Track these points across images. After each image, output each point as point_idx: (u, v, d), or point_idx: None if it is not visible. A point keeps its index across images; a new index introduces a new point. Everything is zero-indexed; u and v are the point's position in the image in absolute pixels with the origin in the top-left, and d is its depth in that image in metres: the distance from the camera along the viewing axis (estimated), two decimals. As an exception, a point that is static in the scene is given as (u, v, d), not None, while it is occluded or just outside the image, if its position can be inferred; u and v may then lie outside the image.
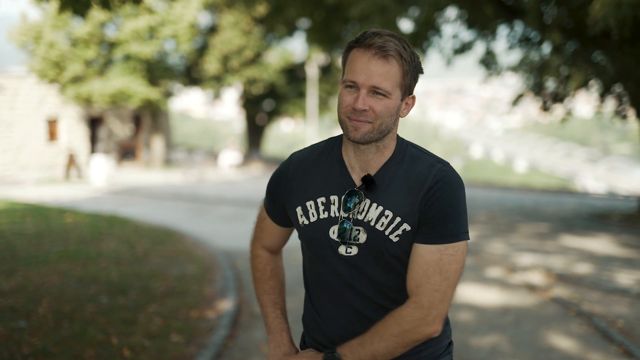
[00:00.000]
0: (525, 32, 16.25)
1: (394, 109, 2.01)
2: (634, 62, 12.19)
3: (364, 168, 2.09)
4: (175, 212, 16.01)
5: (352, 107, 1.97)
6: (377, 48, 1.95)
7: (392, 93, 1.98)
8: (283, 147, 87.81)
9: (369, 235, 2.05)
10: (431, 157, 2.11)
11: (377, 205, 2.05)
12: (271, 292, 2.42)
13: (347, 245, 2.07)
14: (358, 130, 1.98)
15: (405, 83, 2.01)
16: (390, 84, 1.96)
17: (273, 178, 2.28)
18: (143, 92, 28.66)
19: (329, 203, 2.11)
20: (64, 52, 27.18)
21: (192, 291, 7.63)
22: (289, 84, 38.52)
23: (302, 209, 2.15)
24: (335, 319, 2.17)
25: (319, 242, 2.12)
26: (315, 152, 2.22)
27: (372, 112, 1.97)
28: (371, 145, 2.06)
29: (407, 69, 1.99)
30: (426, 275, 1.98)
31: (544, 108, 16.76)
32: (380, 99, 1.97)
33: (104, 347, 5.40)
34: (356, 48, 2.01)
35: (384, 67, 1.95)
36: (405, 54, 1.98)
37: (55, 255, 9.17)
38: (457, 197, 2.02)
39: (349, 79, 1.99)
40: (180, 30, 29.17)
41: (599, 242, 12.04)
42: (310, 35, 20.52)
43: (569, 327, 6.63)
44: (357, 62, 1.98)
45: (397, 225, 2.03)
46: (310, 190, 2.15)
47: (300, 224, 2.16)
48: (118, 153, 32.37)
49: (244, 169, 34.04)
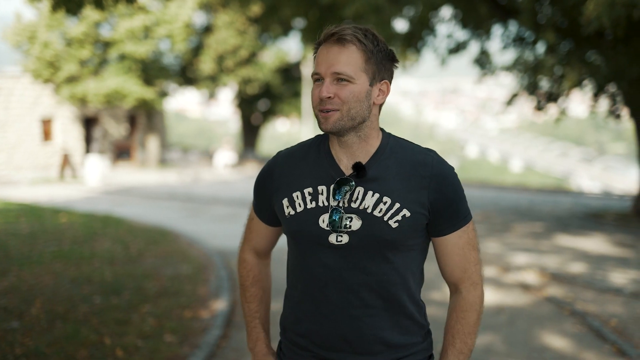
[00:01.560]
0: (520, 32, 16.26)
1: (361, 94, 2.02)
2: (628, 62, 12.21)
3: (351, 160, 2.11)
4: (170, 212, 16.00)
5: (319, 97, 2.01)
6: (335, 39, 2.01)
7: (355, 77, 2.00)
8: (278, 146, 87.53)
9: (363, 222, 2.05)
10: (418, 146, 2.17)
11: (374, 192, 2.06)
12: (251, 300, 2.42)
13: (337, 234, 2.06)
14: (328, 120, 2.02)
15: (370, 67, 2.03)
16: (351, 68, 1.99)
17: (260, 175, 2.29)
18: (138, 91, 28.59)
19: (316, 193, 2.11)
20: (58, 51, 27.10)
21: (186, 291, 7.62)
22: (284, 83, 38.50)
23: (288, 199, 2.15)
24: (316, 319, 2.13)
25: (306, 232, 2.11)
26: (303, 148, 2.24)
27: (337, 99, 2.00)
28: (350, 135, 2.08)
29: (369, 53, 2.02)
30: (466, 256, 2.16)
31: (538, 107, 16.77)
32: (345, 85, 2.00)
33: (97, 347, 5.38)
34: (321, 46, 2.07)
35: (342, 53, 2.00)
36: (364, 39, 2.02)
37: (49, 255, 9.15)
38: (458, 181, 2.14)
39: (314, 72, 2.05)
40: (175, 30, 29.12)
41: (593, 241, 12.06)
42: (305, 35, 20.49)
43: (562, 326, 6.64)
44: (320, 55, 2.05)
45: (396, 211, 2.04)
46: (297, 182, 2.15)
47: (286, 215, 2.15)
48: (113, 153, 32.31)
49: (239, 169, 34.02)
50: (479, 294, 2.19)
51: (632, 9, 8.53)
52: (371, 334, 2.09)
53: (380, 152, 2.11)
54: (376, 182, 2.07)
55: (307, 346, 2.17)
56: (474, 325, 2.18)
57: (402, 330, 2.13)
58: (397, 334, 2.12)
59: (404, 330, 2.13)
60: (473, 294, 2.18)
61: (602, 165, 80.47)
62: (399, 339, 2.12)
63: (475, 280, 2.18)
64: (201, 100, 47.63)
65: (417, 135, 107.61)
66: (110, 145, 32.22)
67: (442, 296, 7.75)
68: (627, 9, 8.56)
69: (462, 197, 2.13)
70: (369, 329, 2.09)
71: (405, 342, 2.14)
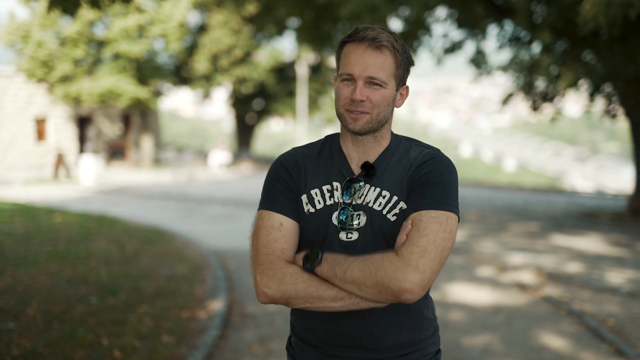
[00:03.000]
0: (515, 32, 16.28)
1: (390, 99, 2.10)
2: (624, 61, 12.23)
3: (362, 158, 2.16)
4: (165, 211, 15.95)
5: (350, 98, 2.06)
6: (370, 40, 2.04)
7: (387, 83, 2.06)
8: (272, 146, 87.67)
9: (368, 217, 2.09)
10: (423, 145, 2.21)
11: (375, 187, 2.11)
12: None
13: (347, 231, 2.10)
14: (357, 121, 2.07)
15: (399, 74, 2.10)
16: (385, 74, 2.05)
17: (283, 168, 2.21)
18: (132, 91, 28.51)
19: (332, 190, 2.15)
20: (52, 51, 27.00)
21: (183, 291, 7.59)
22: (279, 83, 38.44)
23: (308, 196, 2.17)
24: (324, 316, 2.13)
25: (323, 229, 2.13)
26: (315, 148, 2.26)
27: (369, 102, 2.05)
28: (369, 135, 2.14)
29: (400, 59, 2.08)
30: (411, 236, 1.95)
31: (533, 107, 16.79)
32: (377, 89, 2.06)
33: (94, 348, 5.35)
34: (349, 42, 2.09)
35: (378, 58, 2.04)
36: (397, 45, 2.07)
37: (44, 255, 9.10)
38: (446, 173, 2.08)
39: (345, 72, 2.07)
40: (169, 29, 29.05)
41: (589, 241, 12.07)
42: (300, 35, 20.48)
43: (560, 326, 6.64)
44: (352, 55, 2.06)
45: (394, 204, 2.08)
46: (315, 179, 2.18)
47: (306, 212, 2.15)
48: (107, 153, 32.21)
49: (234, 169, 33.97)
50: (397, 264, 1.90)
51: (629, 9, 8.54)
52: (379, 331, 2.10)
53: (387, 152, 2.17)
54: (378, 179, 2.12)
55: (316, 343, 2.18)
56: (369, 264, 1.93)
57: (410, 326, 2.14)
58: (405, 330, 2.13)
59: (412, 326, 2.14)
60: (392, 257, 1.92)
61: (595, 164, 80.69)
62: (407, 335, 2.14)
63: (402, 254, 1.91)
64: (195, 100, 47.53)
65: (410, 134, 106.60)
66: (104, 144, 32.12)
67: (440, 296, 7.75)
68: (624, 8, 8.57)
69: (441, 187, 2.03)
70: (377, 326, 2.10)
71: (414, 337, 2.15)
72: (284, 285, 2.01)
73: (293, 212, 2.14)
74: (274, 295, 2.03)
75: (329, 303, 2.00)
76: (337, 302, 1.99)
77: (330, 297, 1.98)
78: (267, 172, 2.24)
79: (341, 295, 1.98)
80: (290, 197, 2.16)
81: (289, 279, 2.01)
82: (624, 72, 12.33)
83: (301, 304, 2.02)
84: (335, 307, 2.00)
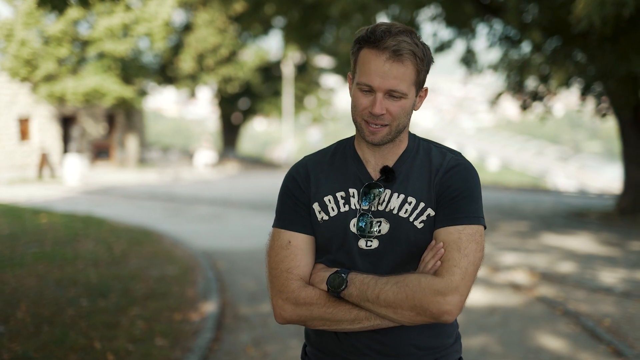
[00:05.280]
0: (505, 31, 16.26)
1: (410, 108, 2.04)
2: (615, 60, 12.22)
3: (380, 162, 2.09)
4: (152, 212, 15.80)
5: (370, 111, 1.99)
6: (391, 52, 1.95)
7: (408, 93, 1.99)
8: (257, 146, 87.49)
9: (391, 225, 2.02)
10: (443, 147, 2.15)
11: (399, 194, 2.04)
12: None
13: (367, 239, 2.03)
14: (376, 134, 2.01)
15: (419, 80, 2.03)
16: (405, 85, 1.98)
17: (292, 180, 2.17)
18: (117, 90, 28.29)
19: (348, 196, 2.08)
20: (36, 50, 26.72)
21: (174, 293, 7.48)
22: (265, 82, 38.35)
23: (320, 204, 2.10)
24: None
25: (339, 237, 2.06)
26: (328, 154, 2.20)
27: (388, 115, 1.99)
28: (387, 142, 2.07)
29: (420, 66, 2.00)
30: (446, 256, 1.94)
31: (523, 107, 16.78)
32: (396, 101, 1.99)
33: (86, 352, 5.24)
34: (368, 48, 1.99)
35: (399, 70, 1.96)
36: (418, 51, 1.98)
37: (31, 257, 8.97)
38: (471, 182, 2.05)
39: (364, 82, 1.98)
40: (154, 28, 28.81)
41: (579, 240, 12.07)
42: (288, 34, 20.38)
43: (556, 326, 6.59)
44: (372, 65, 1.97)
45: (421, 211, 2.03)
46: (328, 186, 2.11)
47: (320, 221, 2.09)
48: (91, 152, 31.98)
49: (220, 168, 33.83)
50: (436, 286, 1.88)
51: (622, 7, 8.53)
52: (400, 339, 2.04)
53: (407, 154, 2.10)
54: (401, 183, 2.05)
55: (334, 349, 2.10)
56: (405, 287, 1.89)
57: (433, 333, 2.07)
58: (426, 337, 2.06)
59: (434, 333, 2.07)
60: (431, 279, 1.89)
61: (577, 163, 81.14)
62: (428, 342, 2.07)
63: (442, 275, 1.90)
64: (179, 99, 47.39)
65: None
66: (89, 144, 31.88)
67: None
68: (617, 7, 8.55)
69: (469, 200, 2.01)
70: (399, 334, 2.03)
71: (436, 344, 2.09)
72: (299, 309, 2.02)
73: (304, 226, 2.10)
74: (290, 318, 2.04)
75: (348, 325, 1.99)
76: (355, 324, 1.98)
77: (349, 320, 1.98)
78: (281, 185, 2.20)
79: (360, 318, 1.97)
80: (300, 211, 2.11)
81: (303, 301, 2.01)
82: (616, 71, 12.33)
83: (319, 326, 2.03)
84: (354, 328, 2.00)
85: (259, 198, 18.50)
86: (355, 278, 1.96)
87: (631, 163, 15.63)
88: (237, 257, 10.01)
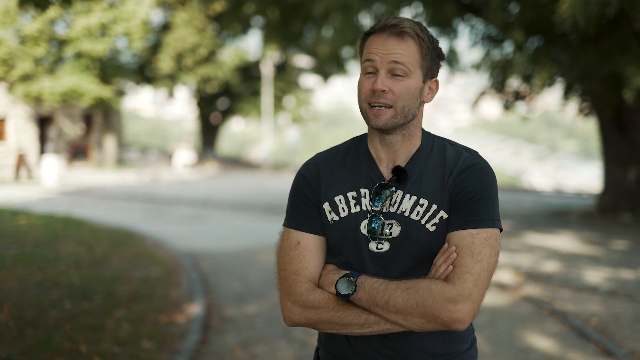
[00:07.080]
0: (487, 30, 16.30)
1: (416, 91, 1.95)
2: (598, 60, 12.27)
3: (392, 159, 2.02)
4: (131, 212, 15.65)
5: (371, 89, 1.91)
6: (392, 27, 1.92)
7: (412, 71, 1.93)
8: (235, 146, 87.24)
9: (402, 227, 1.95)
10: (459, 146, 2.07)
11: (411, 195, 1.97)
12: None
13: (377, 241, 1.96)
14: (379, 117, 1.93)
15: (425, 64, 1.96)
16: (409, 61, 1.91)
17: (302, 179, 2.10)
18: (95, 90, 28.07)
19: (359, 196, 2.01)
20: (12, 49, 26.43)
21: (158, 294, 7.38)
22: (244, 82, 38.25)
23: (330, 204, 2.02)
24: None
25: (349, 238, 1.99)
26: (340, 152, 2.12)
27: (391, 94, 1.91)
28: (397, 133, 1.99)
29: (425, 49, 1.95)
30: (459, 261, 1.87)
31: (505, 106, 16.82)
32: (400, 80, 1.92)
33: (72, 355, 5.14)
34: (372, 35, 1.97)
35: (400, 45, 1.91)
36: (421, 34, 1.94)
37: (11, 258, 8.82)
38: (487, 184, 1.97)
39: (366, 58, 1.94)
40: (132, 27, 28.61)
41: (562, 239, 12.12)
42: (268, 34, 20.29)
43: (544, 326, 6.58)
44: (374, 43, 1.94)
45: (433, 213, 1.95)
46: (339, 185, 2.04)
47: (330, 221, 2.02)
48: (69, 153, 31.69)
49: (199, 169, 33.66)
50: (448, 293, 1.82)
51: (606, 7, 8.56)
52: (412, 344, 1.98)
53: (421, 153, 2.03)
54: (413, 184, 1.98)
55: (345, 353, 2.05)
56: (416, 293, 1.84)
57: (446, 339, 2.01)
58: (440, 342, 2.00)
59: (448, 338, 2.01)
60: (442, 286, 1.83)
61: (554, 163, 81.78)
62: (442, 348, 2.01)
63: (453, 282, 1.84)
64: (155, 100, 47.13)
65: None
66: (66, 145, 31.59)
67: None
68: (601, 7, 8.58)
69: (484, 202, 1.93)
70: (411, 340, 1.97)
71: (449, 350, 2.02)
72: (307, 312, 1.97)
73: (314, 227, 2.04)
74: (299, 321, 1.99)
75: (357, 329, 1.94)
76: (365, 328, 1.93)
77: (359, 324, 1.92)
78: (291, 183, 2.14)
79: (370, 322, 1.91)
80: (310, 211, 2.05)
81: (311, 305, 1.96)
82: (599, 70, 12.39)
83: (328, 329, 1.98)
84: (363, 332, 1.94)
85: (239, 198, 18.40)
86: (364, 282, 1.90)
87: (611, 162, 15.72)
88: (221, 258, 9.93)
